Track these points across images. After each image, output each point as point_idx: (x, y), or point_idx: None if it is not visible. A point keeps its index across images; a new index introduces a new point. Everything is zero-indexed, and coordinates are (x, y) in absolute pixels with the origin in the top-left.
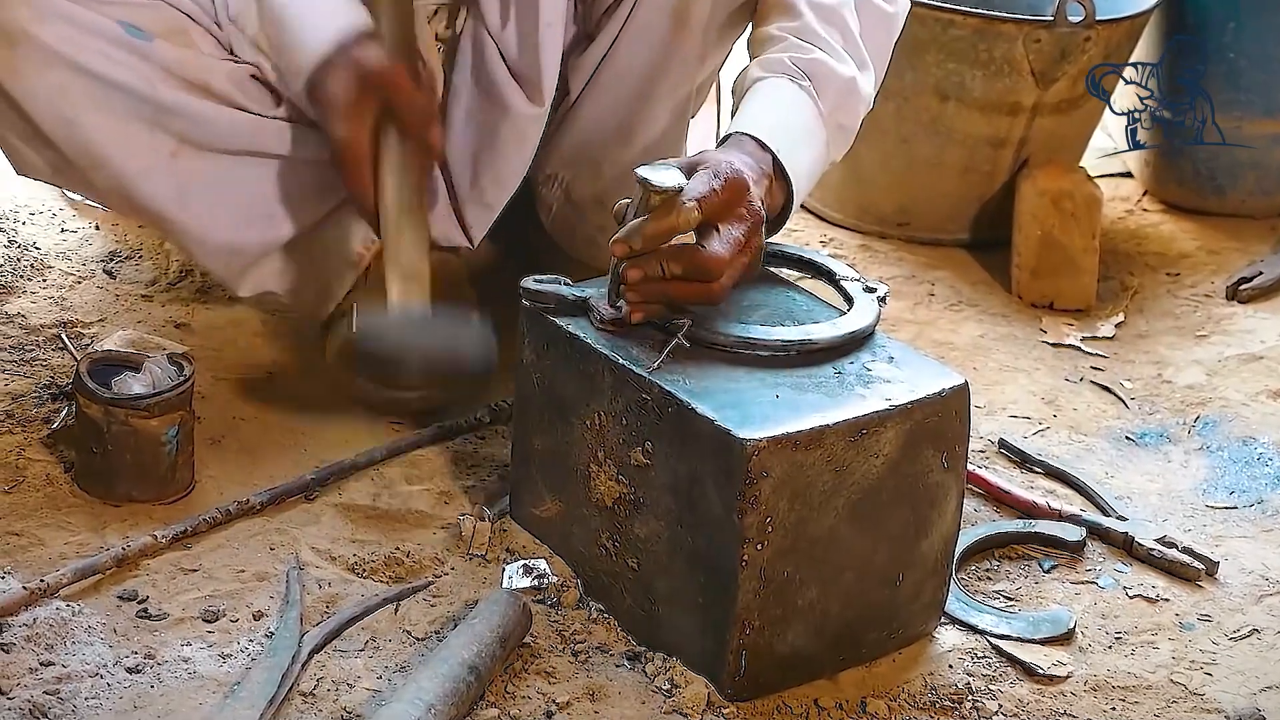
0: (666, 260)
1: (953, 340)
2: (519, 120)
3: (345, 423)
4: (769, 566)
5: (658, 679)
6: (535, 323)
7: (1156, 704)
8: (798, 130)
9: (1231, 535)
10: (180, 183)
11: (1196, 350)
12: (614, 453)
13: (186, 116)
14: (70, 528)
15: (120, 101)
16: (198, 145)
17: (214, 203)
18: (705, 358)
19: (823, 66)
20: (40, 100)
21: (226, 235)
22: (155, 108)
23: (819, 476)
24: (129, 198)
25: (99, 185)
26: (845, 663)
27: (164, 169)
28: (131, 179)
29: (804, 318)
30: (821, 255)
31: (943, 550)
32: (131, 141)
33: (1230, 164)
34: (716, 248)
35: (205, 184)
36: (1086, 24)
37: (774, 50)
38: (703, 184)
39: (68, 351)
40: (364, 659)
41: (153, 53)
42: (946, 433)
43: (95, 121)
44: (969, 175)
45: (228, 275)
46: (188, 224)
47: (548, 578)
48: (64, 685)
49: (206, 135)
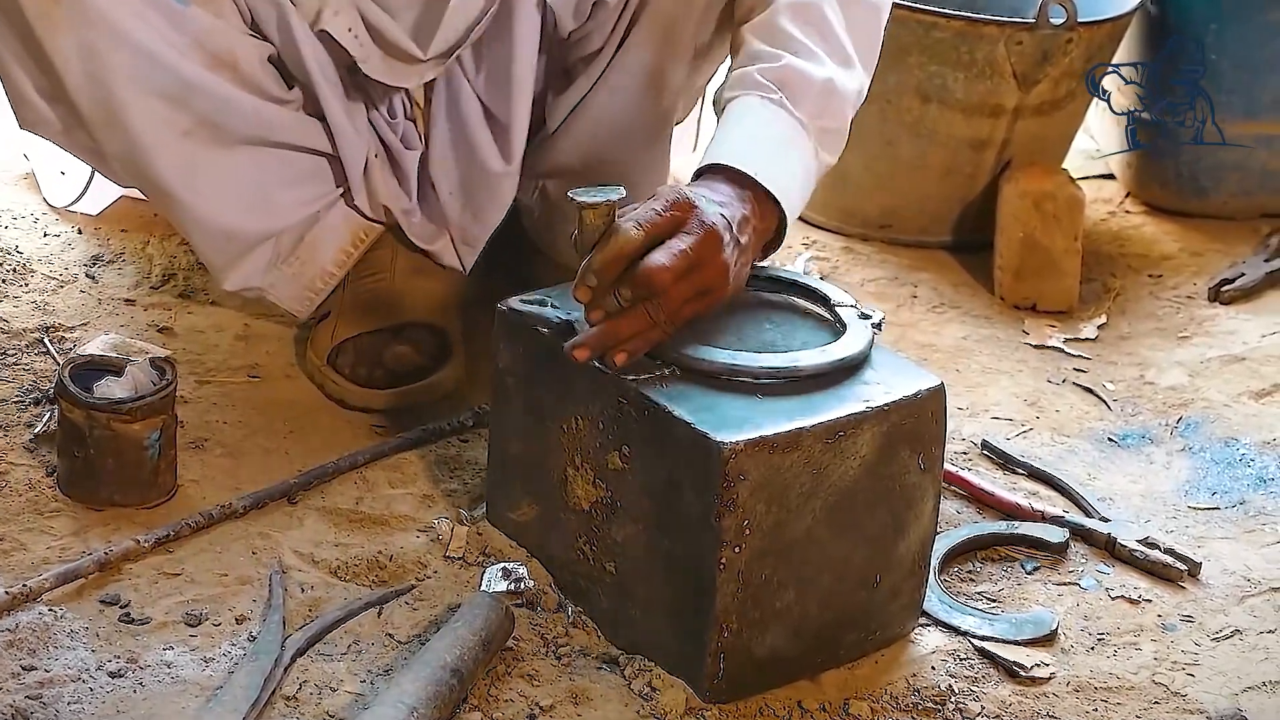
0: (618, 289)
1: (935, 342)
2: (491, 178)
3: (328, 426)
4: (747, 569)
5: (635, 682)
6: (510, 327)
7: (1139, 705)
8: (773, 144)
9: (1213, 536)
10: (189, 162)
11: (1179, 351)
12: (591, 456)
13: (208, 96)
14: (52, 532)
15: (147, 71)
16: (213, 127)
17: (218, 185)
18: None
19: (794, 73)
20: (72, 57)
21: (226, 220)
22: (180, 83)
23: (796, 479)
24: (136, 167)
25: (107, 150)
26: (824, 665)
27: (175, 144)
28: (144, 150)
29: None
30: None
31: (920, 551)
32: (151, 112)
33: (1212, 165)
34: (657, 258)
35: (212, 166)
36: (1068, 26)
37: (742, 62)
38: (643, 208)
39: (50, 356)
40: (347, 662)
41: (187, 20)
42: (923, 434)
43: (121, 85)
44: (951, 177)
45: (219, 262)
46: (191, 203)
47: (525, 581)
48: (46, 690)
49: (224, 118)
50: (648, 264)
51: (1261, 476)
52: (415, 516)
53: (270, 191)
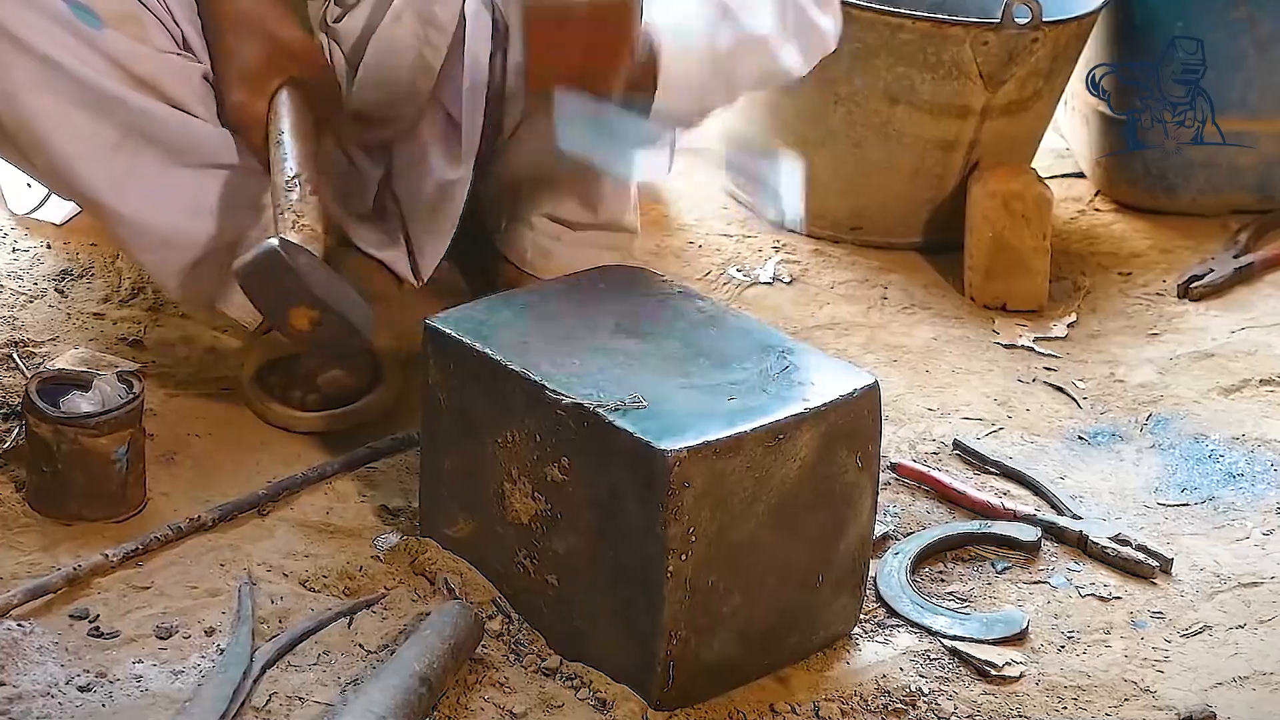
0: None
1: (905, 343)
2: (442, 183)
3: (297, 438)
4: (694, 576)
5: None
6: (439, 341)
7: (1109, 702)
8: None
9: (1183, 532)
10: (120, 172)
11: (1148, 349)
12: (528, 469)
13: (133, 111)
14: (21, 547)
15: (64, 86)
16: (142, 139)
17: (153, 197)
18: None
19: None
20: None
21: (162, 230)
22: (100, 97)
23: (739, 483)
24: (66, 180)
25: (37, 164)
26: (769, 666)
27: (104, 157)
28: (70, 162)
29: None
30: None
31: (859, 549)
32: (73, 126)
33: (1181, 163)
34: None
35: (146, 177)
36: (1033, 26)
37: None
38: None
39: (18, 370)
40: (316, 673)
41: (101, 42)
42: (860, 433)
43: (37, 101)
44: (920, 178)
45: (160, 271)
46: (124, 214)
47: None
48: (15, 705)
49: (153, 132)
50: None
51: (1231, 472)
52: (385, 527)
53: (210, 204)
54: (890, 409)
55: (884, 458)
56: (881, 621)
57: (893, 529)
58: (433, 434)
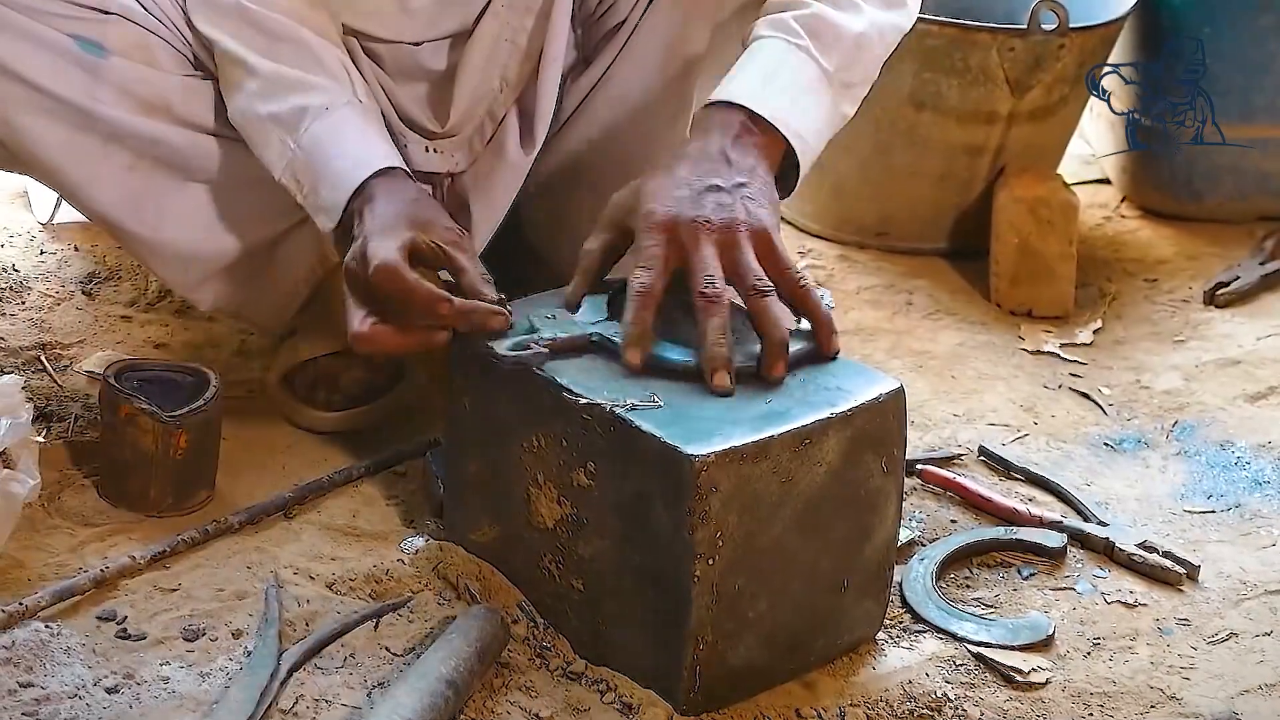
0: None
1: (931, 349)
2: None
3: (324, 441)
4: (721, 581)
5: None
6: (465, 346)
7: (1135, 709)
8: (787, 85)
9: (1209, 539)
10: (134, 194)
11: (1174, 355)
12: (554, 475)
13: (141, 137)
14: (48, 549)
15: (69, 116)
16: (154, 161)
17: (169, 213)
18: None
19: (825, 23)
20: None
21: (181, 247)
22: (107, 125)
23: (766, 488)
24: (80, 203)
25: (53, 188)
26: (794, 671)
27: (118, 181)
28: (83, 187)
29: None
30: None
31: (884, 554)
32: (84, 153)
33: (1207, 169)
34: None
35: (161, 195)
36: (1060, 32)
37: (770, 9)
38: (639, 258)
39: (46, 373)
40: (343, 676)
41: (107, 71)
42: (885, 437)
43: (41, 131)
44: (946, 184)
45: (183, 285)
46: (141, 234)
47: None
48: (43, 707)
49: (165, 154)
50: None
51: (1257, 479)
52: (411, 530)
53: (228, 216)
54: (915, 414)
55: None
56: (907, 627)
57: (918, 534)
58: (457, 438)
